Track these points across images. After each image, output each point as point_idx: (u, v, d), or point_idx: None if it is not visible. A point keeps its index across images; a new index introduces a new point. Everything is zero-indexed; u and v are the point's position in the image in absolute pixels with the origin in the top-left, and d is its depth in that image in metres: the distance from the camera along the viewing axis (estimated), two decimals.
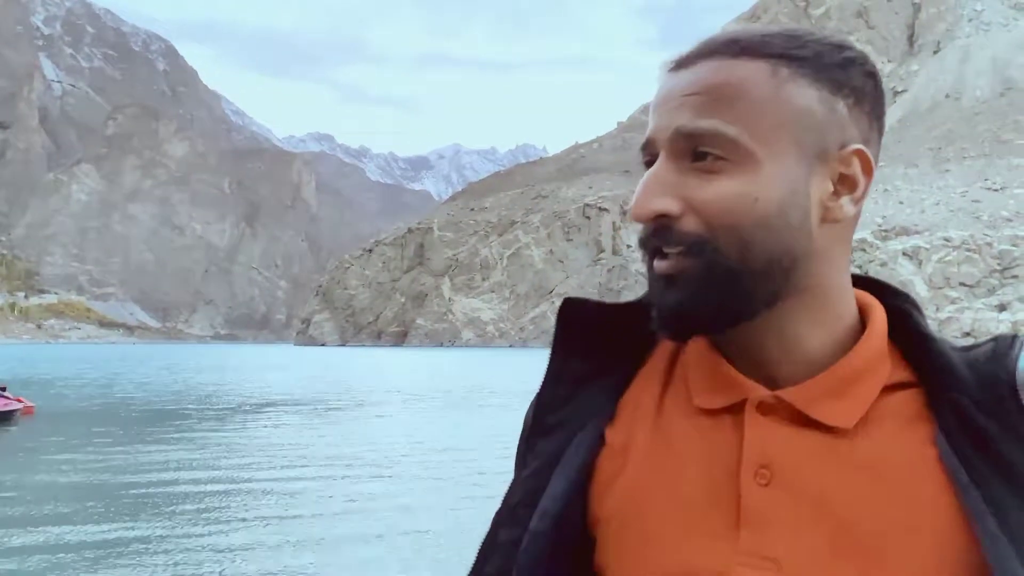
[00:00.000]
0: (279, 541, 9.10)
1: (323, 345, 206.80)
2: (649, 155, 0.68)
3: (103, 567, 8.12)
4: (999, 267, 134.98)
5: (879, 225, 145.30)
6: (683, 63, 0.67)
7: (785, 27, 0.69)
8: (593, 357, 0.74)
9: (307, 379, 47.57)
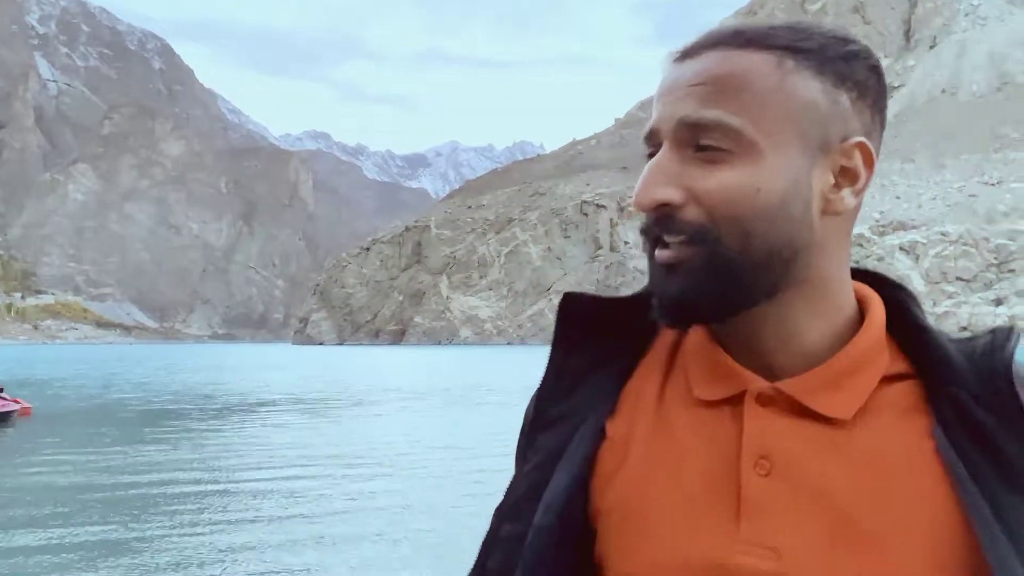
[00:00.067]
0: (279, 540, 9.07)
1: (321, 344, 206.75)
2: (653, 146, 0.68)
3: (102, 568, 8.09)
4: (996, 261, 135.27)
5: (876, 220, 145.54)
6: (688, 53, 0.68)
7: (789, 20, 0.69)
8: (593, 350, 0.75)
9: (305, 378, 47.53)
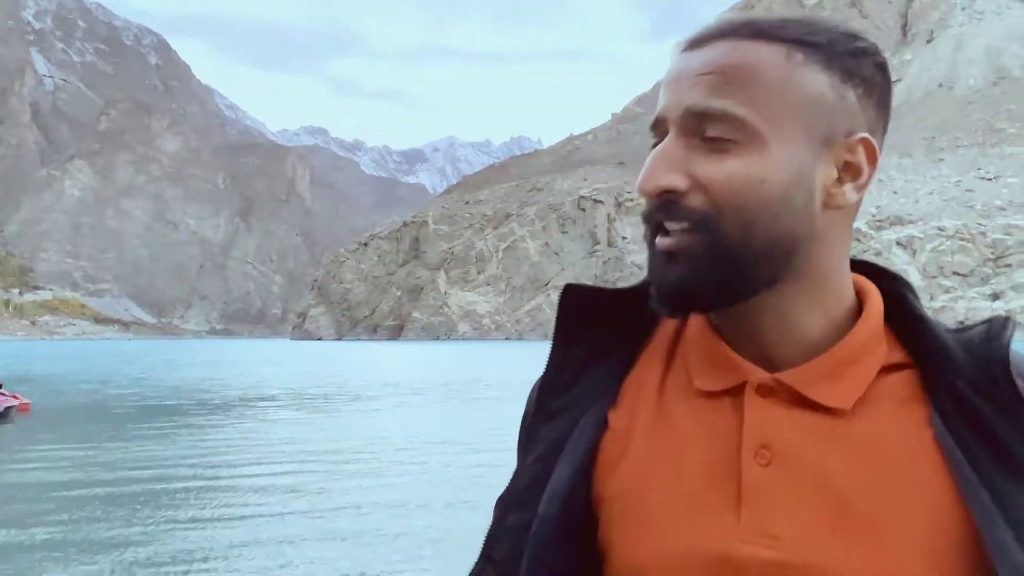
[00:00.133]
0: (277, 536, 9.11)
1: (319, 339, 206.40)
2: (659, 134, 0.68)
3: (101, 563, 8.12)
4: (992, 256, 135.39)
5: (873, 215, 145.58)
6: (697, 43, 0.68)
7: (798, 14, 0.70)
8: (595, 342, 0.75)
9: (303, 373, 47.55)
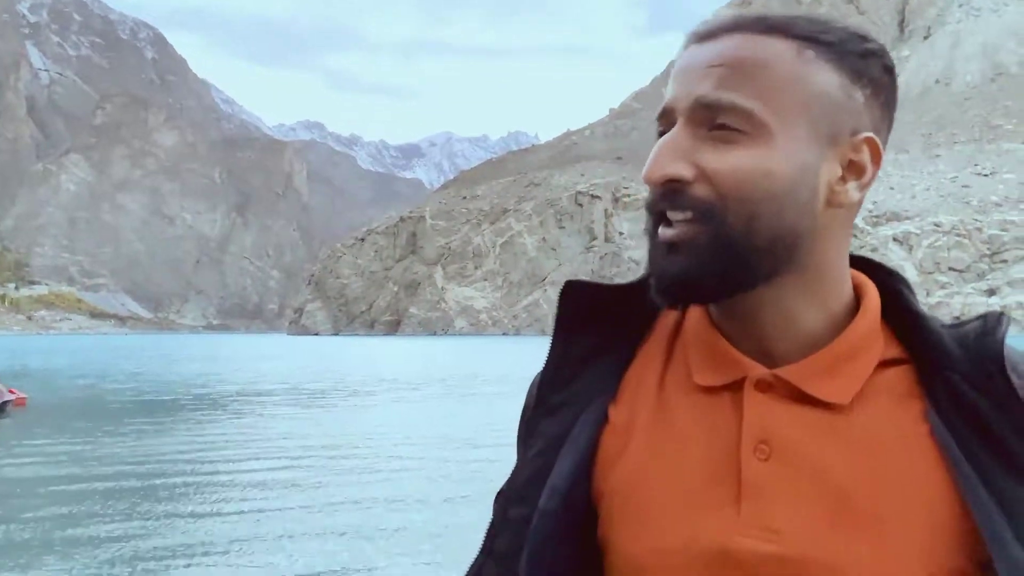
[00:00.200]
0: (276, 531, 9.11)
1: (316, 335, 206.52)
2: (666, 124, 0.69)
3: (98, 558, 8.11)
4: (989, 252, 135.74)
5: (870, 211, 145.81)
6: (708, 35, 0.68)
7: (808, 13, 0.71)
8: (595, 337, 0.76)
9: (301, 368, 47.54)
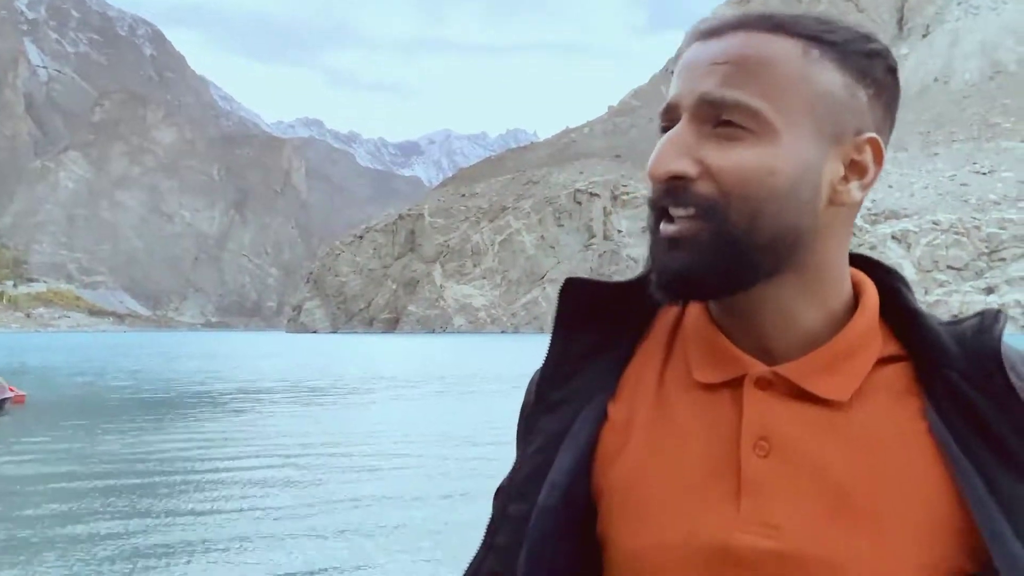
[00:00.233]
0: (276, 528, 9.13)
1: (314, 332, 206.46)
2: (669, 120, 0.69)
3: (99, 555, 8.13)
4: (987, 250, 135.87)
5: (868, 209, 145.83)
6: (713, 33, 0.68)
7: (813, 12, 0.71)
8: (594, 334, 0.76)
9: (299, 366, 47.54)
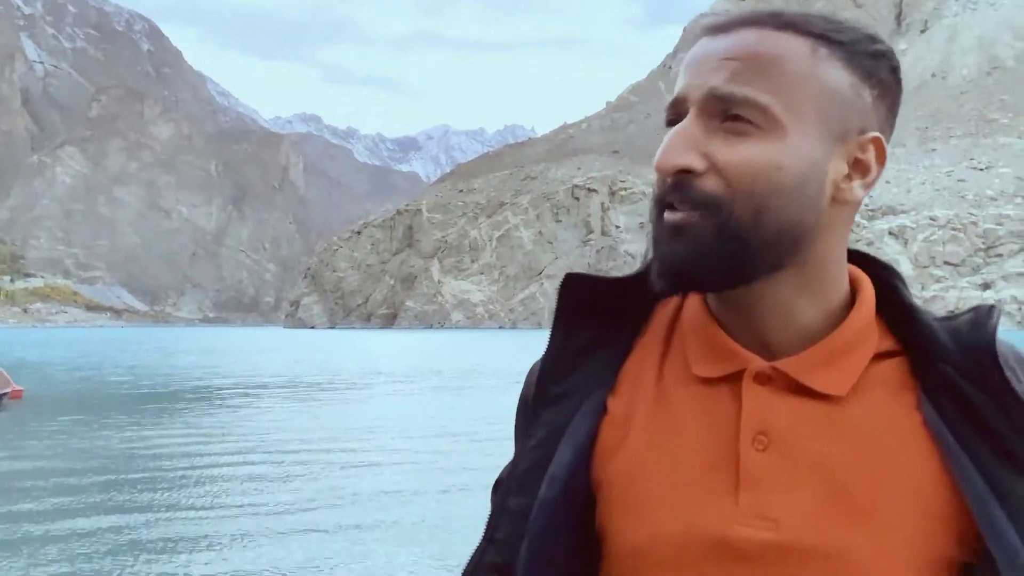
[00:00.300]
0: (275, 524, 9.14)
1: (312, 328, 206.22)
2: (674, 114, 0.70)
3: (99, 550, 8.14)
4: (984, 246, 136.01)
5: (865, 205, 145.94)
6: (722, 28, 0.69)
7: (814, 10, 0.73)
8: (594, 329, 0.77)
9: (297, 362, 47.52)
